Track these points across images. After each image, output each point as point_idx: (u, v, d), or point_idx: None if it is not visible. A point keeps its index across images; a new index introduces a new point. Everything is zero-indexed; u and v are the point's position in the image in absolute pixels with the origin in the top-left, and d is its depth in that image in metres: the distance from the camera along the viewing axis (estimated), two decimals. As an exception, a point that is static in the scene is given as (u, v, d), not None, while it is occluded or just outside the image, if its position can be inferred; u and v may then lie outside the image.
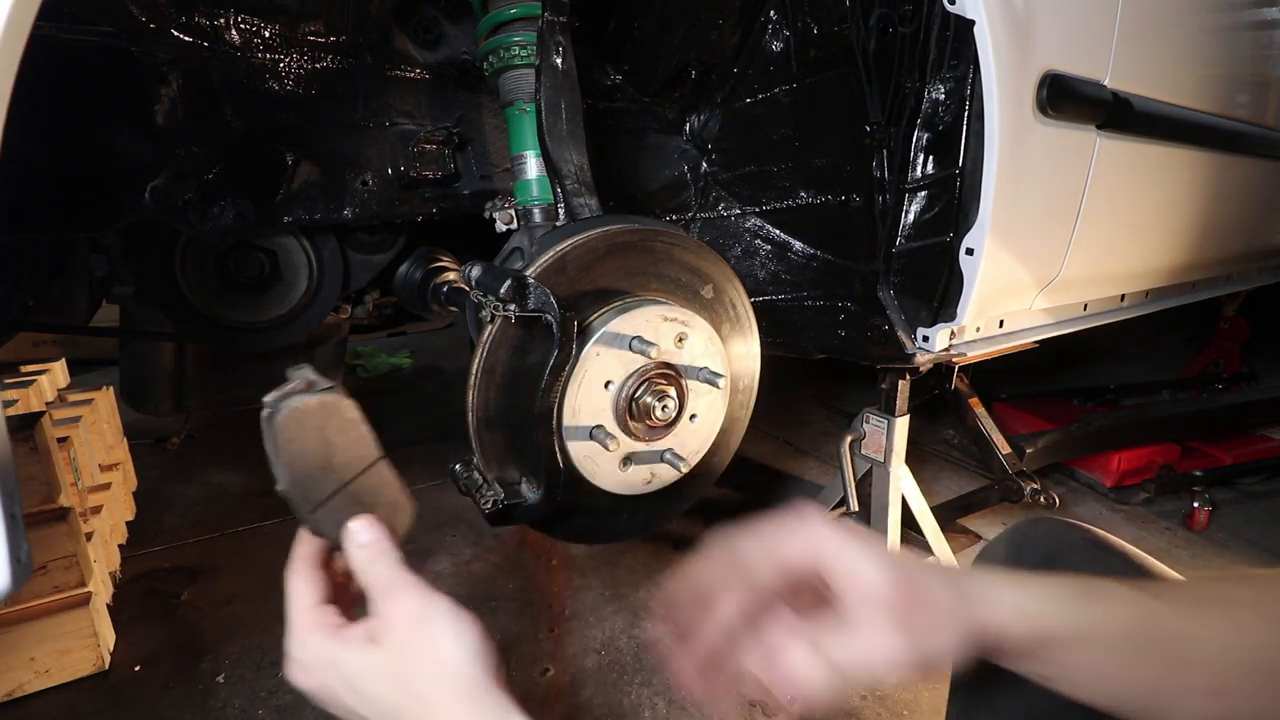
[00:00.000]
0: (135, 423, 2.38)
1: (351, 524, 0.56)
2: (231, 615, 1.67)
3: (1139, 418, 2.35)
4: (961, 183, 1.21)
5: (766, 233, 1.54)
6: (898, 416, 1.64)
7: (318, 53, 1.17)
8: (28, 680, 1.38)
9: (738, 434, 1.19)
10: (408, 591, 0.53)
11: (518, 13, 1.10)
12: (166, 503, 2.23)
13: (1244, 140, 1.83)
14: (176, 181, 1.10)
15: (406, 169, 1.29)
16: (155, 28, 1.02)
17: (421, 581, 0.54)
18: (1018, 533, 0.85)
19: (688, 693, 0.54)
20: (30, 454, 1.36)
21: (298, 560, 0.59)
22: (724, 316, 1.10)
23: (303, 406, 0.55)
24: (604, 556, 1.92)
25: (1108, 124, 1.35)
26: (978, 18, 1.10)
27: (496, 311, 0.87)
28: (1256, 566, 1.93)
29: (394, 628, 0.51)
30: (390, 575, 0.54)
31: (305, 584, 0.56)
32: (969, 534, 2.05)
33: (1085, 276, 1.56)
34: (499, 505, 0.95)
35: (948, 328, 1.32)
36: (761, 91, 1.45)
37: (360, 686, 0.50)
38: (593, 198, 1.05)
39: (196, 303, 1.42)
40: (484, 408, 0.93)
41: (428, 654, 0.49)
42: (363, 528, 0.56)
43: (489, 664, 0.50)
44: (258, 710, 1.38)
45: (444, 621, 0.51)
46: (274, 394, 0.55)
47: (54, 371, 2.08)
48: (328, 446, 0.56)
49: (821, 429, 2.93)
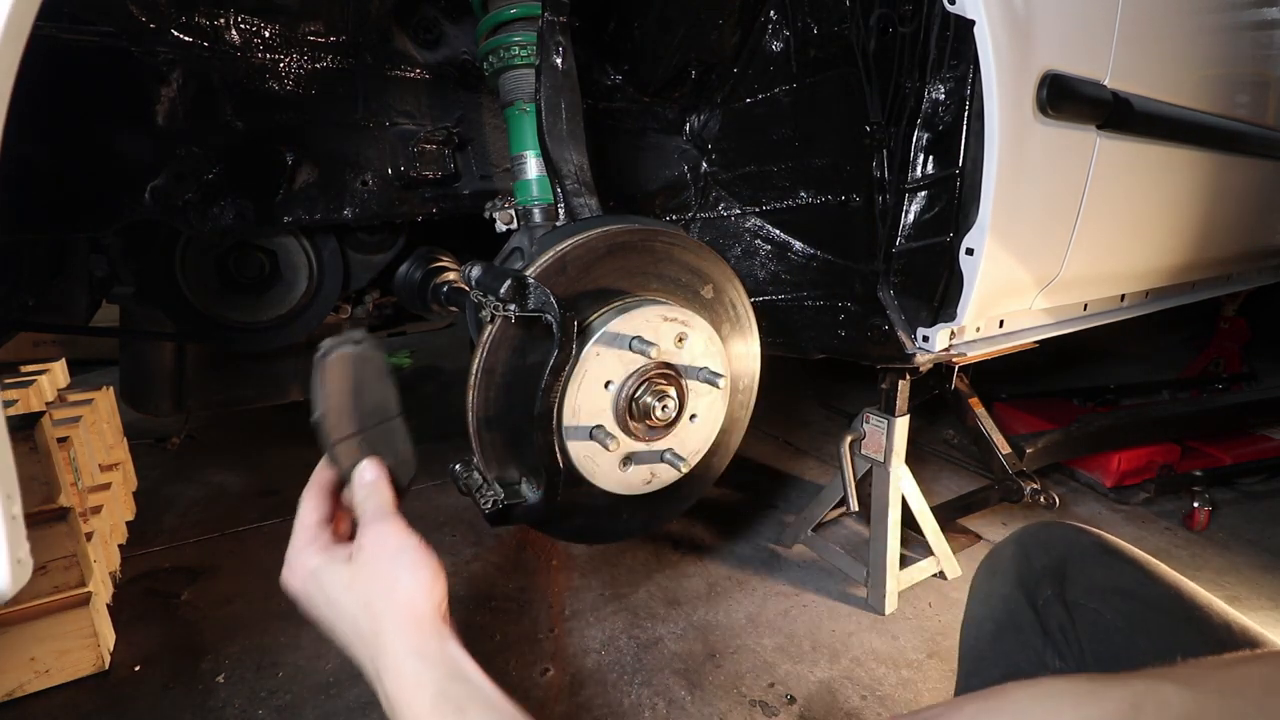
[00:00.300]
0: (135, 423, 2.38)
1: (362, 464, 0.66)
2: (231, 615, 1.67)
3: (1139, 418, 2.35)
4: (961, 183, 1.21)
5: (766, 233, 1.54)
6: (898, 416, 1.64)
7: (318, 53, 1.17)
8: (28, 680, 1.38)
9: (738, 434, 1.19)
10: (387, 526, 0.61)
11: (518, 13, 1.10)
12: (166, 503, 2.23)
13: (1244, 140, 1.83)
14: (176, 181, 1.10)
15: (406, 169, 1.28)
16: (155, 28, 1.02)
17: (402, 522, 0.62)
18: (1027, 536, 0.85)
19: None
20: (30, 454, 1.36)
21: (312, 484, 0.68)
22: (724, 316, 1.10)
23: (346, 354, 0.66)
24: (604, 556, 1.92)
25: (1108, 124, 1.35)
26: (978, 18, 1.10)
27: (496, 311, 0.86)
28: (1256, 566, 1.93)
29: (367, 554, 0.60)
30: (379, 509, 0.63)
31: (312, 505, 0.66)
32: (969, 534, 2.06)
33: (1085, 276, 1.55)
34: (499, 505, 0.95)
35: (948, 328, 1.32)
36: (761, 91, 1.45)
37: (331, 596, 0.59)
38: (593, 198, 1.05)
39: (196, 303, 1.42)
40: (484, 408, 0.93)
41: (388, 582, 0.58)
42: (370, 467, 0.66)
43: (437, 600, 0.59)
44: (258, 710, 1.38)
45: (408, 557, 0.59)
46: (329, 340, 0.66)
47: (54, 371, 2.08)
48: (358, 393, 0.67)
49: (821, 429, 2.93)
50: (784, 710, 1.40)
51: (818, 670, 1.51)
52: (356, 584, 0.58)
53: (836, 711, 1.40)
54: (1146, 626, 0.71)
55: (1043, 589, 0.78)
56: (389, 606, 0.57)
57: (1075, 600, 0.76)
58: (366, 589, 0.58)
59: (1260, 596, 1.80)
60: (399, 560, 0.59)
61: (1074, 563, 0.78)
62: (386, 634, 0.55)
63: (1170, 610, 0.71)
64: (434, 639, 0.56)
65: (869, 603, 1.73)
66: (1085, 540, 0.80)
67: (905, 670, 1.51)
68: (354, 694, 1.42)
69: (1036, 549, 0.82)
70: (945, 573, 1.84)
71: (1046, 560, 0.80)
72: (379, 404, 0.68)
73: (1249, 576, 1.88)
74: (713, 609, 1.71)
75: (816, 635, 1.62)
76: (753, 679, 1.48)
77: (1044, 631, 0.77)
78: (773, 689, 1.45)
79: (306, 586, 0.61)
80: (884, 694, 1.45)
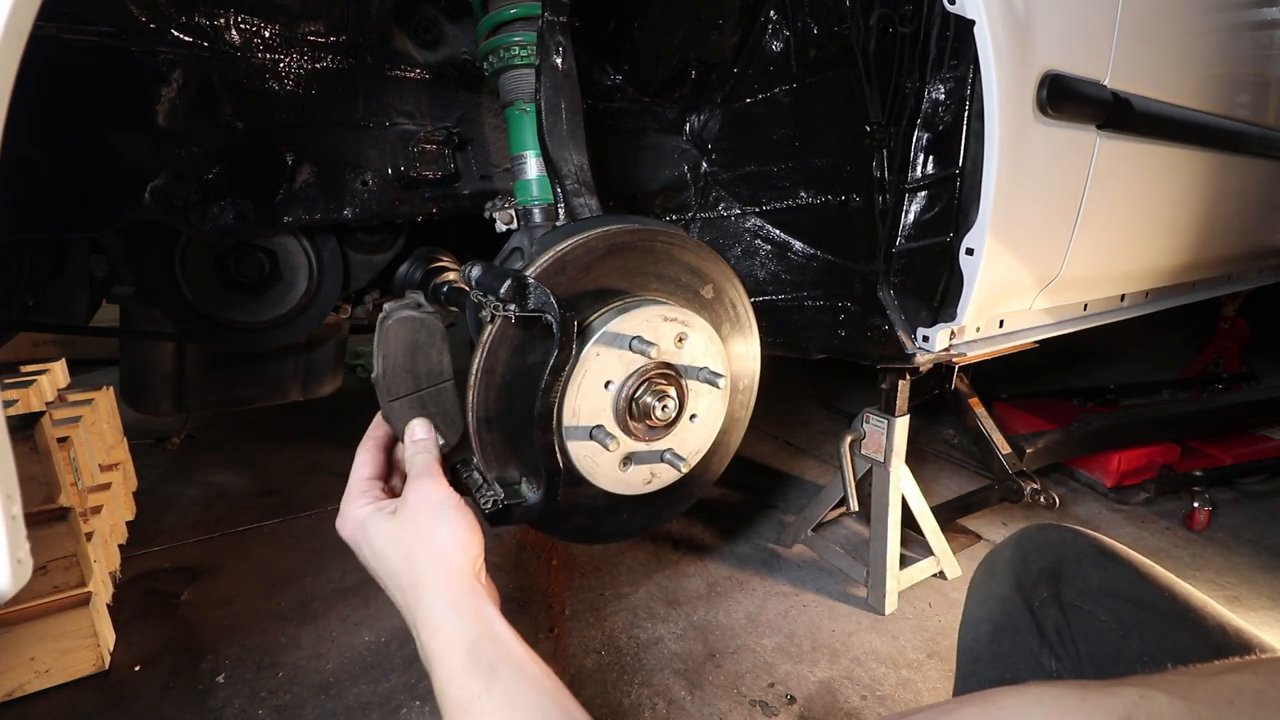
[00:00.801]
0: (135, 423, 2.38)
1: (414, 421, 0.71)
2: (231, 615, 1.67)
3: (1139, 418, 2.35)
4: (961, 183, 1.21)
5: (766, 233, 1.54)
6: (898, 416, 1.64)
7: (318, 53, 1.17)
8: (28, 680, 1.38)
9: (738, 434, 1.19)
10: (431, 483, 0.65)
11: (518, 13, 1.10)
12: (166, 503, 2.23)
13: (1244, 140, 1.83)
14: (176, 181, 1.10)
15: (406, 169, 1.28)
16: (155, 28, 1.02)
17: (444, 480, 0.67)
18: (1024, 538, 0.85)
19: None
20: (30, 454, 1.36)
21: (367, 439, 0.73)
22: (724, 316, 1.10)
23: (408, 317, 0.71)
24: (604, 556, 1.92)
25: (1108, 124, 1.35)
26: (978, 18, 1.10)
27: (496, 311, 0.86)
28: (1256, 566, 1.93)
29: (410, 508, 0.63)
30: (424, 467, 0.67)
31: (367, 458, 0.71)
32: (969, 534, 2.06)
33: (1085, 276, 1.55)
34: (499, 505, 0.95)
35: (948, 328, 1.32)
36: (761, 91, 1.45)
37: (377, 547, 0.63)
38: (593, 198, 1.05)
39: (196, 303, 1.42)
40: (484, 408, 0.92)
41: (428, 536, 0.61)
42: (420, 425, 0.71)
43: (473, 556, 0.62)
44: (258, 710, 1.38)
45: (447, 513, 0.63)
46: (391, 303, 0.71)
47: (54, 371, 2.08)
48: (415, 355, 0.72)
49: (821, 429, 2.93)
50: (784, 710, 1.40)
51: (818, 670, 1.51)
52: (400, 536, 0.62)
53: (836, 711, 1.40)
54: (1141, 629, 0.71)
55: (1039, 591, 0.79)
56: (428, 559, 0.60)
57: (1071, 602, 0.76)
58: (408, 541, 0.61)
59: (1260, 596, 1.80)
60: (438, 515, 0.62)
61: (1070, 565, 0.78)
62: (424, 586, 0.58)
63: (1165, 612, 0.71)
64: (468, 595, 0.58)
65: (869, 603, 1.73)
66: (1081, 543, 0.80)
67: (905, 670, 1.51)
68: (354, 694, 1.42)
69: (1033, 551, 0.82)
70: (945, 573, 1.84)
71: (1043, 562, 0.80)
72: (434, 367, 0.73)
73: (1249, 576, 1.88)
74: (713, 609, 1.71)
75: (816, 635, 1.62)
76: (753, 679, 1.48)
77: (1040, 633, 0.77)
78: (773, 689, 1.45)
79: (355, 536, 0.65)
80: (884, 694, 1.45)
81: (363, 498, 0.67)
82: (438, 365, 0.73)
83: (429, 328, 0.72)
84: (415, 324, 0.71)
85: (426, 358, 0.72)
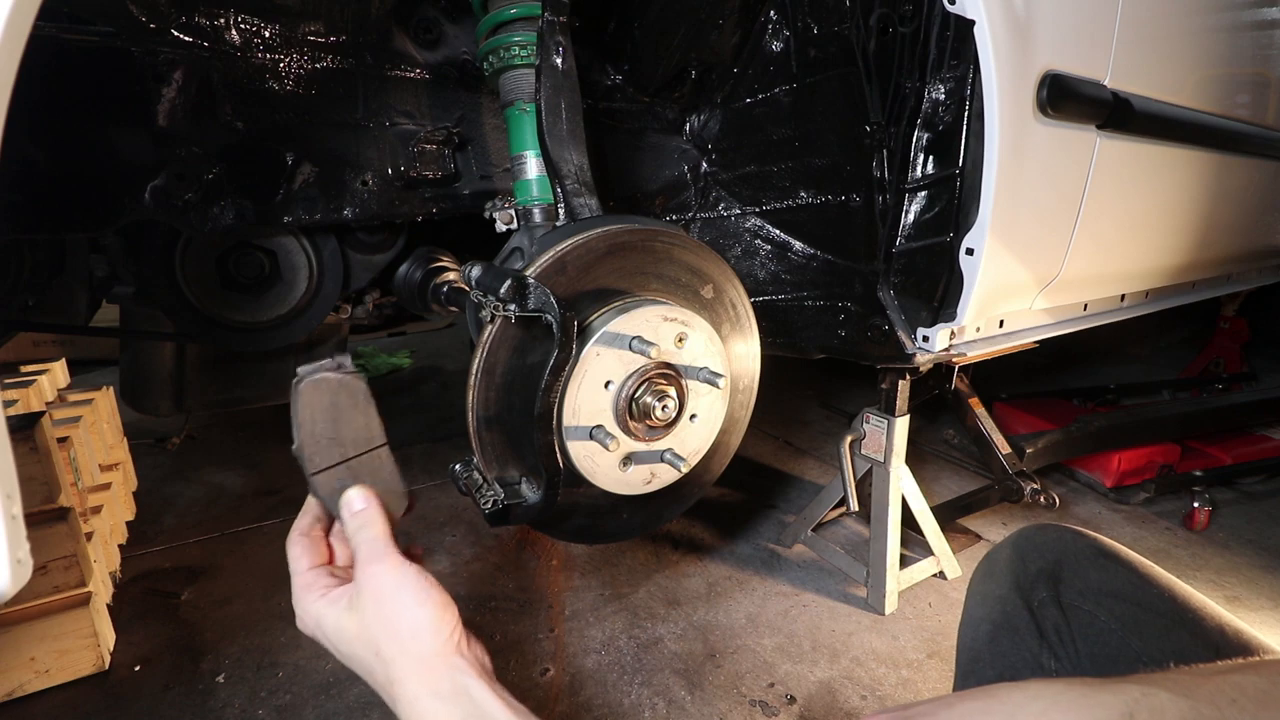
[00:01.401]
0: (135, 423, 2.38)
1: (349, 492, 0.63)
2: (231, 615, 1.67)
3: (1139, 418, 2.35)
4: (961, 183, 1.21)
5: (766, 233, 1.54)
6: (898, 416, 1.64)
7: (318, 53, 1.17)
8: (28, 680, 1.38)
9: (738, 434, 1.19)
10: (385, 563, 0.59)
11: (518, 13, 1.10)
12: (166, 503, 2.23)
13: (1244, 140, 1.83)
14: (176, 181, 1.10)
15: (406, 169, 1.29)
16: (155, 28, 1.02)
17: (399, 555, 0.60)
18: (1023, 538, 0.85)
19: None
20: (30, 454, 1.36)
21: (294, 530, 0.66)
22: (724, 316, 1.10)
23: (323, 380, 0.63)
24: (604, 556, 1.92)
25: (1108, 124, 1.35)
26: (978, 18, 1.10)
27: (496, 311, 0.86)
28: (1256, 566, 1.93)
29: (366, 597, 0.57)
30: (372, 545, 0.60)
31: (300, 550, 0.64)
32: (969, 534, 2.06)
33: (1085, 276, 1.55)
34: (499, 505, 0.95)
35: (948, 328, 1.32)
36: (761, 91, 1.45)
37: (339, 646, 0.58)
38: (593, 198, 1.05)
39: (196, 303, 1.42)
40: (484, 408, 0.93)
41: (394, 628, 0.56)
42: (358, 497, 0.63)
43: (449, 631, 0.57)
44: (258, 710, 1.38)
45: (409, 595, 0.57)
46: (307, 366, 0.63)
47: (54, 371, 2.08)
48: (338, 421, 0.63)
49: (821, 429, 2.93)
50: (784, 710, 1.40)
51: (818, 670, 1.51)
52: (364, 634, 0.57)
53: (836, 711, 1.40)
54: (1141, 629, 0.71)
55: (1038, 591, 0.78)
56: (399, 652, 0.55)
57: (1070, 602, 0.76)
58: (375, 637, 0.56)
59: (1260, 596, 1.80)
60: (400, 599, 0.57)
61: (1069, 565, 0.78)
62: (401, 682, 0.54)
63: (1164, 613, 0.71)
64: (447, 677, 0.54)
65: (869, 603, 1.73)
66: (1081, 543, 0.80)
67: (905, 670, 1.51)
68: (354, 694, 1.42)
69: (1032, 551, 0.82)
70: (945, 573, 1.84)
71: (1042, 563, 0.80)
72: (360, 433, 0.64)
73: (1249, 576, 1.88)
74: (713, 609, 1.71)
75: (816, 635, 1.62)
76: (753, 679, 1.48)
77: (1039, 633, 0.77)
78: (773, 689, 1.45)
79: (316, 634, 0.60)
80: (884, 694, 1.45)
81: (309, 593, 0.61)
82: (364, 430, 0.64)
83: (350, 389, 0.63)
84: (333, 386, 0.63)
85: (350, 423, 0.64)
